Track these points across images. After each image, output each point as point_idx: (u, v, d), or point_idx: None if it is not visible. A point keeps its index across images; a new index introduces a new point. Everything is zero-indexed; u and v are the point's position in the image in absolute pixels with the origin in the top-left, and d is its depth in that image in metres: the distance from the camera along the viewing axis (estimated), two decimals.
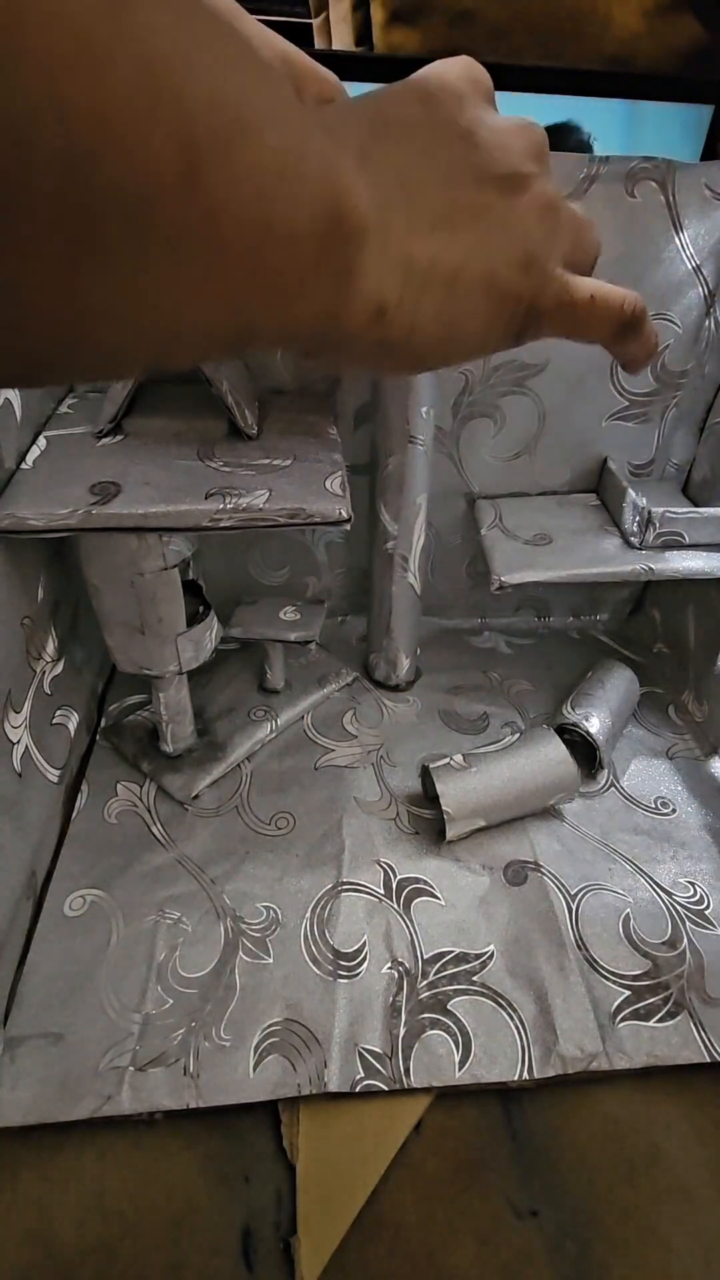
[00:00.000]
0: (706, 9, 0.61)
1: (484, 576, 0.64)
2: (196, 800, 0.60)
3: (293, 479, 0.50)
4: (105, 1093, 0.43)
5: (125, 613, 0.52)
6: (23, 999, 0.47)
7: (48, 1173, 0.41)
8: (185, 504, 0.47)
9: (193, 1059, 0.44)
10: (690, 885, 0.56)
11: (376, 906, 0.53)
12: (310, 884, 0.54)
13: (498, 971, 0.50)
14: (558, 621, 0.81)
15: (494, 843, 0.58)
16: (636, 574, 0.61)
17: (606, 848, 0.58)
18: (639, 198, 0.56)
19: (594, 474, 0.71)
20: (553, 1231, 0.40)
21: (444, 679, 0.73)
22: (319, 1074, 0.44)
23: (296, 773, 0.63)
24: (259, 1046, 0.45)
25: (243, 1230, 0.40)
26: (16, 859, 0.50)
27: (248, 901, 0.53)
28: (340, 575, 0.75)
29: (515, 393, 0.65)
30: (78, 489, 0.47)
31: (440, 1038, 0.46)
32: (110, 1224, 0.39)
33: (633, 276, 0.60)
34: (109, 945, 0.50)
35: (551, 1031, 0.47)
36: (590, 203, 0.56)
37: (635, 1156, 0.43)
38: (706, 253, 0.59)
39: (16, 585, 0.50)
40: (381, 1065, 0.45)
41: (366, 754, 0.65)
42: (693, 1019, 0.48)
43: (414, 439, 0.57)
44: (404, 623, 0.68)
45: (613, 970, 0.50)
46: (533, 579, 0.61)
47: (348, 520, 0.48)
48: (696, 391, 0.66)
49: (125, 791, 0.60)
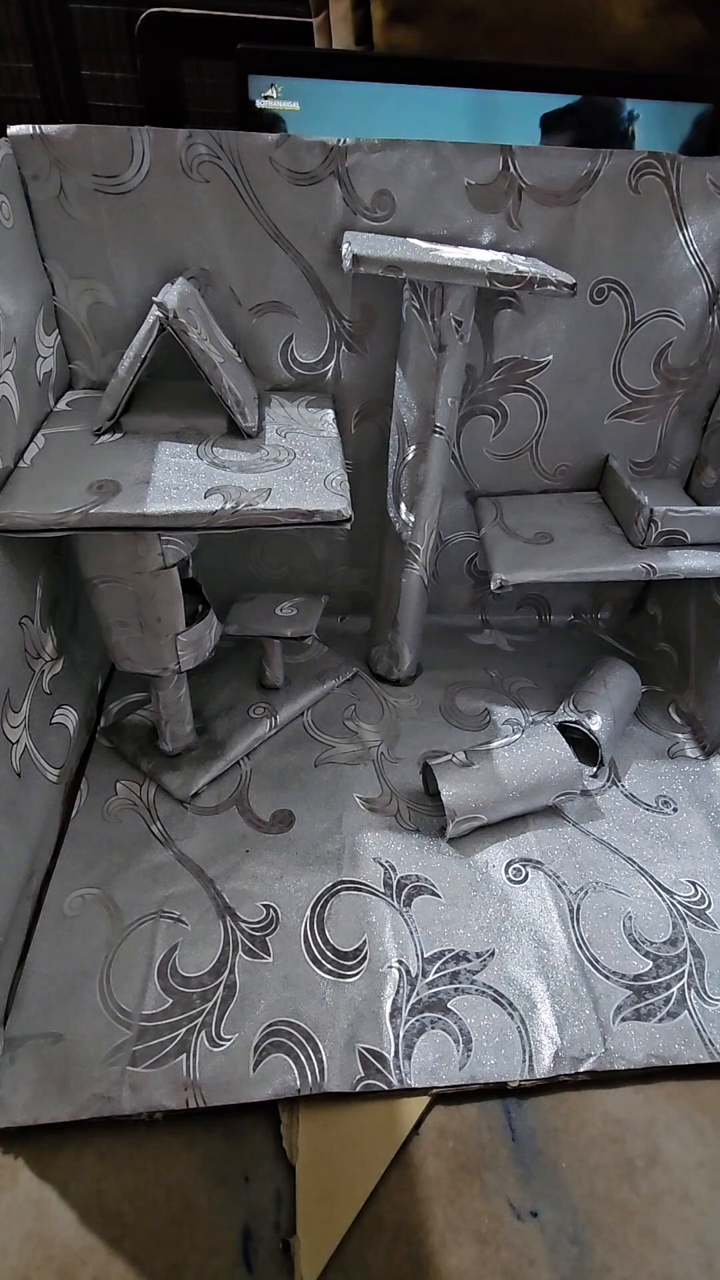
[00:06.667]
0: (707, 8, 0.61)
1: (484, 574, 0.64)
2: (196, 798, 0.60)
3: (293, 477, 0.50)
4: (105, 1093, 0.43)
5: (124, 612, 0.52)
6: (22, 999, 0.47)
7: (48, 1173, 0.41)
8: (184, 503, 0.47)
9: (192, 1059, 0.44)
10: (691, 884, 0.56)
11: (377, 905, 0.53)
12: (310, 882, 0.54)
13: (498, 971, 0.50)
14: (559, 619, 0.81)
15: (495, 840, 0.58)
16: (638, 573, 0.61)
17: (607, 846, 0.58)
18: (642, 193, 0.56)
19: (596, 472, 0.70)
20: (553, 1232, 0.40)
21: (444, 676, 0.73)
22: (319, 1074, 0.44)
23: (296, 770, 0.63)
24: (259, 1046, 0.45)
25: (242, 1230, 0.39)
26: (16, 859, 0.49)
27: (247, 900, 0.53)
28: (341, 572, 0.75)
29: (517, 390, 0.65)
30: (76, 487, 0.47)
31: (440, 1037, 0.46)
32: (110, 1224, 0.39)
33: (636, 273, 0.60)
34: (108, 945, 0.50)
35: (552, 1031, 0.47)
36: (594, 197, 0.56)
37: (635, 1157, 0.43)
38: (710, 249, 0.59)
39: (15, 584, 0.50)
40: (381, 1065, 0.45)
41: (367, 750, 0.65)
42: (693, 1019, 0.48)
43: (437, 429, 0.57)
44: (410, 615, 0.68)
45: (613, 970, 0.50)
46: (534, 578, 0.61)
47: (348, 519, 0.48)
48: (699, 389, 0.66)
49: (125, 790, 0.60)
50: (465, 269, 0.49)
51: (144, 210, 0.54)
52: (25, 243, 0.53)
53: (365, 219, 0.56)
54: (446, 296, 0.52)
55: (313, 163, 0.53)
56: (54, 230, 0.54)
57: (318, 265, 0.57)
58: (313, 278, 0.58)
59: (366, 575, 0.74)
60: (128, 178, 0.52)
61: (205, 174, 0.53)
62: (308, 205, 0.55)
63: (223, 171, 0.53)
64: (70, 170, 0.52)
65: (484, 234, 0.57)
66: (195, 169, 0.53)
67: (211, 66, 0.79)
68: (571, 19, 0.62)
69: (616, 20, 0.62)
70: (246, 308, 0.59)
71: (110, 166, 0.52)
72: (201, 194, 0.54)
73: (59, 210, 0.53)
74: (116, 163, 0.52)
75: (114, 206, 0.53)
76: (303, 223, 0.55)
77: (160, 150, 0.52)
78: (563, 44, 0.63)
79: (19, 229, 0.52)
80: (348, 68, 0.60)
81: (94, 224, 0.54)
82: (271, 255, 0.56)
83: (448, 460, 0.60)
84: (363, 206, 0.55)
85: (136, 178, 0.52)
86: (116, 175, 0.52)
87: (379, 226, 0.56)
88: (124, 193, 0.53)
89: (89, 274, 0.56)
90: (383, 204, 0.55)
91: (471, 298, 0.53)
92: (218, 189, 0.53)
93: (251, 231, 0.55)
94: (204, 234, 0.55)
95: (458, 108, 0.60)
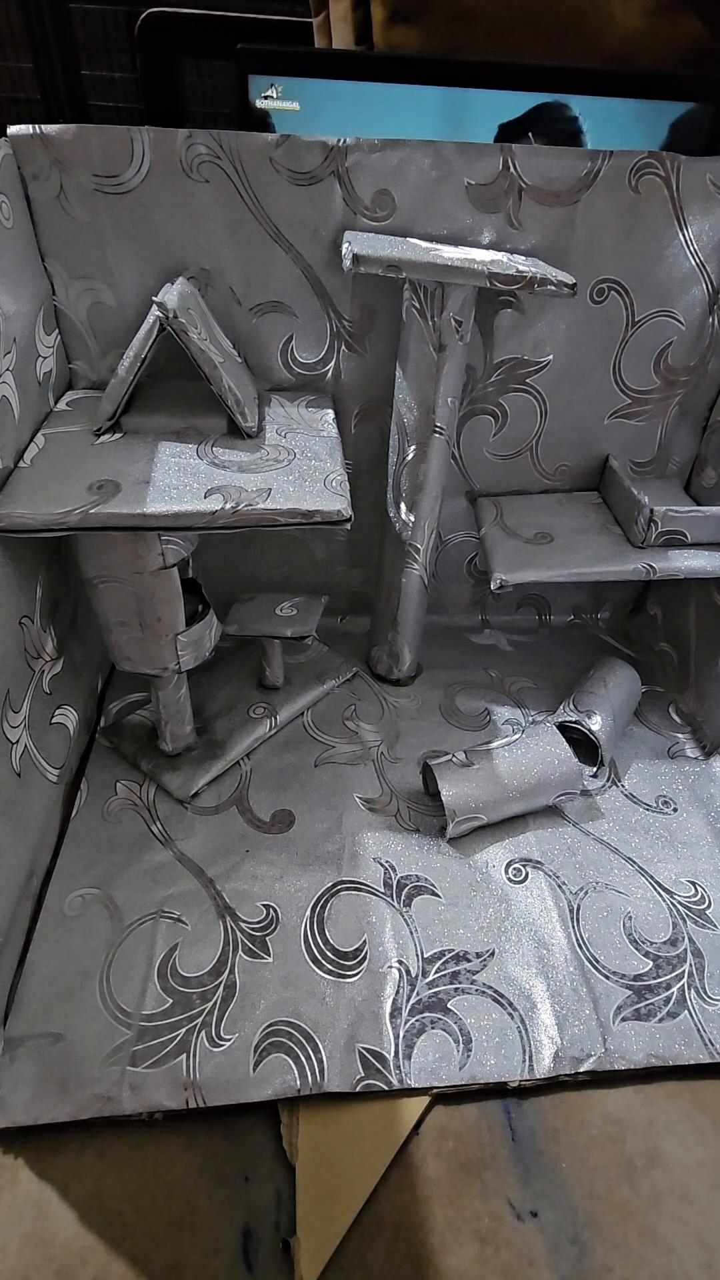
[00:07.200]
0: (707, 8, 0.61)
1: (484, 574, 0.63)
2: (196, 798, 0.60)
3: (293, 477, 0.50)
4: (105, 1093, 0.43)
5: (124, 612, 0.52)
6: (22, 999, 0.47)
7: (48, 1173, 0.41)
8: (184, 503, 0.47)
9: (192, 1059, 0.44)
10: (691, 884, 0.56)
11: (377, 905, 0.53)
12: (310, 882, 0.54)
13: (498, 970, 0.50)
14: (559, 619, 0.81)
15: (495, 840, 0.58)
16: (638, 573, 0.61)
17: (607, 846, 0.58)
18: (642, 193, 0.56)
19: (596, 472, 0.70)
20: (553, 1232, 0.40)
21: (444, 676, 0.73)
22: (319, 1074, 0.44)
23: (296, 770, 0.63)
24: (259, 1046, 0.45)
25: (242, 1230, 0.39)
26: (16, 859, 0.49)
27: (247, 900, 0.53)
28: (341, 572, 0.75)
29: (517, 390, 0.65)
30: (76, 487, 0.47)
31: (440, 1037, 0.46)
32: (110, 1224, 0.39)
33: (636, 273, 0.60)
34: (108, 945, 0.50)
35: (552, 1031, 0.47)
36: (594, 198, 0.56)
37: (635, 1157, 0.43)
38: (710, 249, 0.59)
39: (15, 584, 0.50)
40: (381, 1065, 0.45)
41: (367, 750, 0.65)
42: (693, 1019, 0.48)
43: (437, 429, 0.57)
44: (410, 615, 0.68)
45: (613, 970, 0.50)
46: (534, 578, 0.61)
47: (348, 519, 0.48)
48: (699, 389, 0.66)
49: (125, 790, 0.60)
50: (465, 269, 0.49)
51: (144, 210, 0.54)
52: (25, 243, 0.53)
53: (365, 219, 0.56)
54: (446, 296, 0.52)
55: (313, 163, 0.53)
56: (54, 230, 0.54)
57: (318, 265, 0.57)
58: (313, 278, 0.58)
59: (366, 575, 0.74)
60: (128, 178, 0.52)
61: (205, 174, 0.53)
62: (308, 205, 0.55)
63: (223, 171, 0.53)
64: (70, 170, 0.52)
65: (484, 234, 0.57)
66: (195, 169, 0.53)
67: (211, 66, 0.79)
68: (571, 19, 0.62)
69: (616, 20, 0.62)
70: (246, 308, 0.59)
71: (110, 166, 0.52)
72: (201, 194, 0.54)
73: (59, 210, 0.53)
74: (116, 163, 0.52)
75: (114, 206, 0.53)
76: (303, 223, 0.55)
77: (160, 150, 0.52)
78: (563, 44, 0.63)
79: (19, 229, 0.52)
80: (348, 68, 0.60)
81: (94, 224, 0.54)
82: (271, 255, 0.56)
83: (448, 460, 0.60)
84: (363, 206, 0.55)
85: (136, 178, 0.52)
86: (116, 175, 0.52)
87: (379, 226, 0.56)
88: (124, 193, 0.53)
89: (89, 274, 0.56)
90: (383, 204, 0.55)
91: (471, 297, 0.53)
92: (218, 189, 0.53)
93: (251, 231, 0.55)
94: (204, 234, 0.55)
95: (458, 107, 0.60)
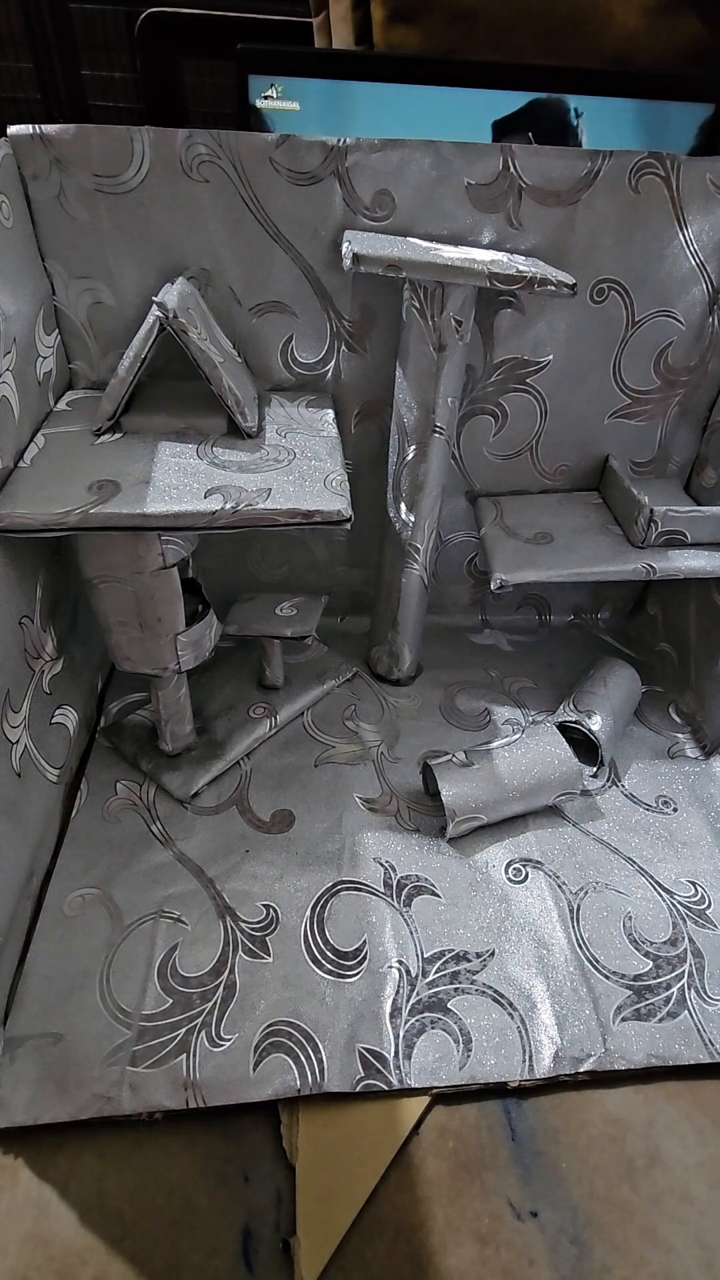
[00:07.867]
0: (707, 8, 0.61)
1: (484, 574, 0.63)
2: (196, 798, 0.60)
3: (293, 477, 0.50)
4: (105, 1093, 0.43)
5: (124, 612, 0.52)
6: (22, 999, 0.47)
7: (48, 1173, 0.41)
8: (184, 503, 0.47)
9: (192, 1059, 0.44)
10: (691, 884, 0.56)
11: (377, 905, 0.53)
12: (310, 882, 0.54)
13: (498, 971, 0.50)
14: (559, 619, 0.81)
15: (495, 840, 0.58)
16: (638, 573, 0.61)
17: (607, 846, 0.58)
18: (642, 193, 0.56)
19: (596, 472, 0.70)
20: (553, 1232, 0.40)
21: (444, 676, 0.73)
22: (319, 1074, 0.44)
23: (296, 770, 0.63)
24: (259, 1046, 0.45)
25: (242, 1230, 0.39)
26: (16, 859, 0.49)
27: (247, 900, 0.53)
28: (341, 572, 0.75)
29: (517, 390, 0.65)
30: (76, 487, 0.47)
31: (440, 1037, 0.46)
32: (110, 1224, 0.39)
33: (636, 273, 0.60)
34: (108, 945, 0.50)
35: (552, 1031, 0.47)
36: (594, 198, 0.56)
37: (635, 1157, 0.43)
38: (710, 249, 0.59)
39: (15, 584, 0.50)
40: (381, 1065, 0.45)
41: (367, 750, 0.65)
42: (693, 1019, 0.48)
43: (437, 429, 0.57)
44: (410, 615, 0.68)
45: (613, 970, 0.50)
46: (534, 578, 0.61)
47: (348, 519, 0.48)
48: (699, 389, 0.66)
49: (125, 790, 0.60)
50: (465, 268, 0.49)
51: (144, 210, 0.54)
52: (25, 243, 0.53)
53: (365, 219, 0.56)
54: (447, 296, 0.52)
55: (313, 163, 0.53)
56: (54, 230, 0.54)
57: (318, 265, 0.57)
58: (313, 278, 0.58)
59: (366, 575, 0.74)
60: (128, 177, 0.52)
61: (205, 174, 0.53)
62: (308, 205, 0.55)
63: (223, 171, 0.53)
64: (70, 170, 0.52)
65: (484, 234, 0.57)
66: (195, 169, 0.53)
67: (211, 66, 0.79)
68: (571, 19, 0.62)
69: (616, 20, 0.62)
70: (246, 308, 0.59)
71: (110, 166, 0.52)
72: (201, 194, 0.54)
73: (59, 210, 0.53)
74: (116, 162, 0.52)
75: (114, 206, 0.53)
76: (303, 222, 0.55)
77: (160, 150, 0.52)
78: (563, 44, 0.63)
79: (19, 229, 0.52)
80: (348, 68, 0.60)
81: (94, 224, 0.54)
82: (271, 255, 0.56)
83: (448, 460, 0.60)
84: (363, 206, 0.55)
85: (136, 178, 0.52)
86: (116, 175, 0.52)
87: (379, 226, 0.56)
88: (124, 193, 0.53)
89: (89, 274, 0.56)
90: (383, 204, 0.55)
91: (472, 297, 0.53)
92: (218, 189, 0.53)
93: (251, 231, 0.55)
94: (204, 234, 0.55)
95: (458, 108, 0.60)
